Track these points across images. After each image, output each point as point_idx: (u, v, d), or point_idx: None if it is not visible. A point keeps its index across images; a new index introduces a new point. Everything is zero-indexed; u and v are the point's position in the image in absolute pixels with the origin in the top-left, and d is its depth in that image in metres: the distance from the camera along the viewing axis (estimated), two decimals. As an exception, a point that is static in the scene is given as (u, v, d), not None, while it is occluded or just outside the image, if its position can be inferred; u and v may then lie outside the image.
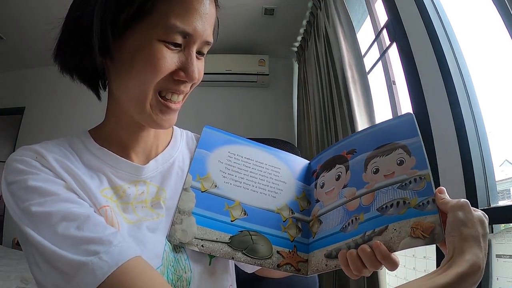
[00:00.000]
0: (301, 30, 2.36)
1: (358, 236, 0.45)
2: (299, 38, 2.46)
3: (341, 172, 0.53)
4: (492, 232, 0.79)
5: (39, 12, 2.04)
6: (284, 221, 0.54)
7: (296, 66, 2.72)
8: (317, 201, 0.55)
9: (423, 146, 0.46)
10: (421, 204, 0.42)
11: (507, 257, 0.74)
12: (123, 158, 0.48)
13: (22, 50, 2.52)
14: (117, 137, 0.50)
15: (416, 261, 1.18)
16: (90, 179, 0.45)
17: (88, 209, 0.41)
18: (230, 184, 0.54)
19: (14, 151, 0.46)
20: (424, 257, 1.14)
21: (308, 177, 0.59)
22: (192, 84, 0.48)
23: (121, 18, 0.41)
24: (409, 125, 0.49)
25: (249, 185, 0.55)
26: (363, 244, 0.43)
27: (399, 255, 0.42)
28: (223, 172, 0.54)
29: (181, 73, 0.44)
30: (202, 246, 0.48)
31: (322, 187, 0.55)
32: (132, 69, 0.43)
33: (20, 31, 2.27)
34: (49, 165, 0.42)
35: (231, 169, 0.55)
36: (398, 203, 0.43)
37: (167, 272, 0.45)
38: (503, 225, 0.78)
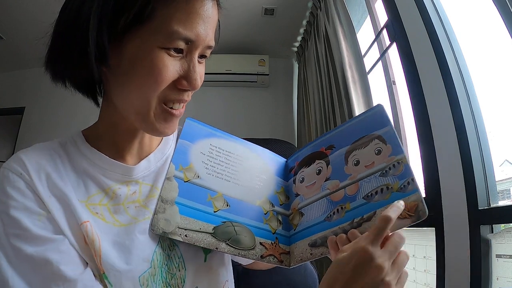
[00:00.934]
0: (301, 30, 2.36)
1: (346, 223, 0.47)
2: (299, 38, 2.46)
3: (321, 167, 0.55)
4: (492, 232, 0.79)
5: (39, 12, 2.04)
6: (265, 214, 0.54)
7: (296, 66, 2.72)
8: (297, 195, 0.56)
9: (396, 132, 0.49)
10: (402, 186, 0.44)
11: (507, 257, 0.74)
12: (113, 160, 0.48)
13: (22, 50, 2.52)
14: (111, 140, 0.49)
15: (416, 261, 1.18)
16: (77, 188, 0.45)
17: (60, 253, 0.40)
18: (212, 175, 0.54)
19: (14, 151, 0.46)
20: (424, 257, 1.14)
21: (286, 173, 0.61)
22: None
23: (119, 24, 0.39)
24: (381, 116, 0.52)
25: (231, 177, 0.55)
26: (352, 229, 0.44)
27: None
28: (205, 163, 0.54)
29: (183, 82, 0.43)
30: (186, 236, 0.47)
31: (301, 181, 0.56)
32: (133, 80, 0.41)
33: (20, 31, 2.27)
34: (33, 186, 0.42)
35: (213, 161, 0.55)
36: (382, 189, 0.46)
37: (161, 272, 0.45)
38: (503, 225, 0.78)
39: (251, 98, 2.67)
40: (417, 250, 1.13)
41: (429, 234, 1.01)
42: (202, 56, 0.46)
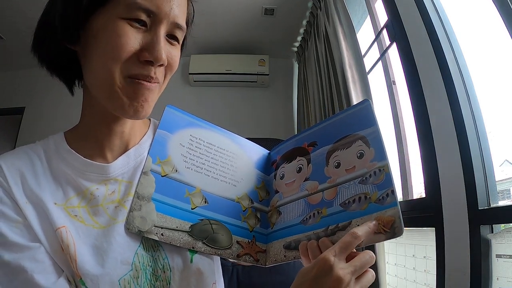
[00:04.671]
0: (301, 30, 2.36)
1: (320, 230, 0.45)
2: (299, 38, 2.46)
3: (302, 165, 0.53)
4: (492, 232, 0.79)
5: (39, 12, 2.04)
6: (243, 211, 0.53)
7: (296, 66, 2.72)
8: (276, 192, 0.55)
9: (381, 135, 0.46)
10: (381, 198, 0.42)
11: (507, 257, 0.74)
12: (88, 160, 0.47)
13: (22, 50, 2.51)
14: (91, 134, 0.49)
15: (416, 261, 1.18)
16: (56, 192, 0.44)
17: (35, 262, 0.40)
18: (191, 169, 0.51)
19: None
20: (424, 257, 1.14)
21: (268, 167, 0.59)
22: (166, 72, 0.46)
23: (82, 2, 0.41)
24: (367, 113, 0.48)
25: (210, 171, 0.53)
26: (324, 237, 0.43)
27: (399, 255, 0.42)
28: (184, 156, 0.52)
29: (145, 54, 0.42)
30: (162, 234, 0.46)
31: (282, 178, 0.55)
32: (97, 51, 0.42)
33: (20, 31, 2.27)
34: (11, 192, 0.42)
35: (193, 154, 0.52)
36: (359, 198, 0.44)
37: (145, 274, 0.44)
38: (503, 225, 0.78)
39: (251, 98, 2.67)
40: (417, 250, 1.14)
41: (429, 234, 1.01)
42: (172, 37, 0.45)
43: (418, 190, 1.26)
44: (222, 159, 0.54)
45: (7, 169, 0.43)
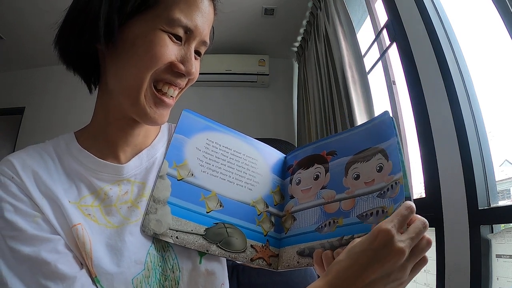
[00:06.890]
0: (301, 30, 2.36)
1: (335, 239, 0.45)
2: (299, 38, 2.46)
3: (320, 173, 0.53)
4: (492, 232, 0.79)
5: (39, 12, 2.04)
6: (258, 215, 0.53)
7: (296, 66, 2.72)
8: (292, 197, 0.54)
9: (399, 147, 0.45)
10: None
11: (507, 257, 0.74)
12: (102, 160, 0.47)
13: (22, 50, 2.52)
14: (104, 134, 0.49)
15: (416, 261, 1.18)
16: (69, 190, 0.45)
17: (57, 253, 0.40)
18: (207, 173, 0.52)
19: (14, 151, 0.46)
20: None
21: (283, 171, 0.59)
22: (188, 81, 0.48)
23: (128, 6, 0.42)
24: (387, 126, 0.48)
25: (226, 175, 0.53)
26: (339, 248, 0.43)
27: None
28: (201, 160, 0.52)
29: (180, 66, 0.45)
30: (177, 237, 0.46)
31: (298, 184, 0.55)
32: (132, 56, 0.43)
33: (20, 31, 2.27)
34: (25, 189, 0.42)
35: (209, 158, 0.53)
36: (377, 212, 0.44)
37: (155, 274, 0.44)
38: (503, 225, 0.78)
39: (251, 98, 2.67)
40: (417, 250, 1.13)
41: (429, 234, 1.01)
42: (197, 52, 0.49)
43: (418, 190, 1.26)
44: (238, 163, 0.55)
45: (20, 167, 0.43)
